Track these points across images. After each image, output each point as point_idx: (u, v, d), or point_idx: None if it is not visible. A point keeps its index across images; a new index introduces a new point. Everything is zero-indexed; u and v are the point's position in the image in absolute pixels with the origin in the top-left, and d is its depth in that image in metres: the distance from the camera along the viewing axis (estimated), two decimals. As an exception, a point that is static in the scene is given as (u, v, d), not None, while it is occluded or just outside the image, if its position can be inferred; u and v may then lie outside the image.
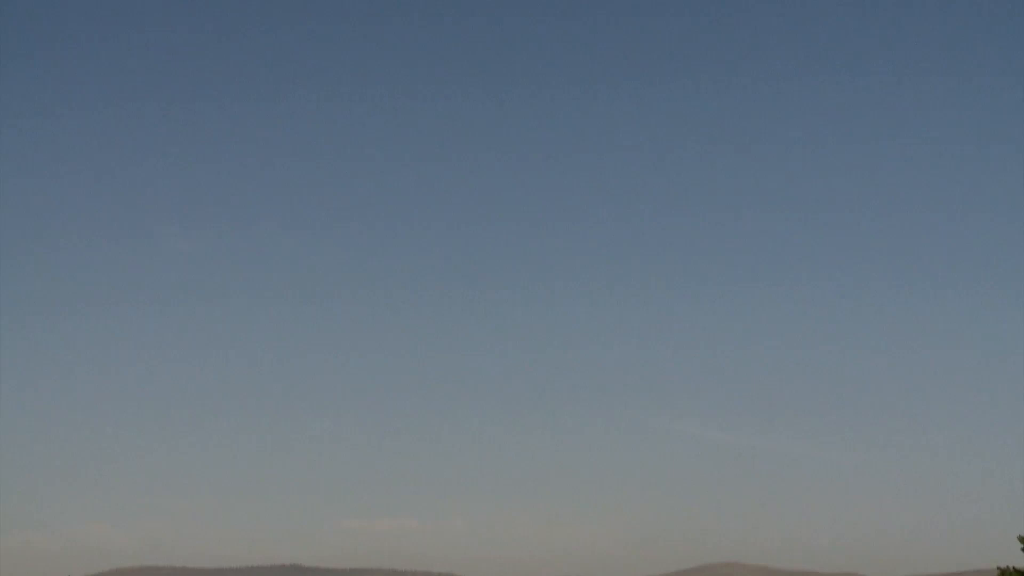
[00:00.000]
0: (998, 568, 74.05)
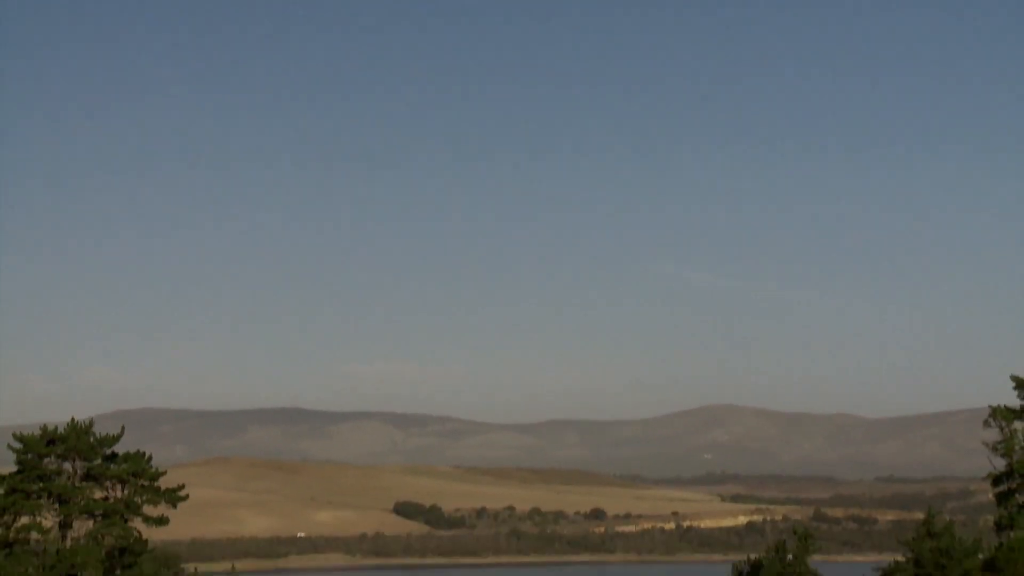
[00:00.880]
0: (990, 407, 69.80)
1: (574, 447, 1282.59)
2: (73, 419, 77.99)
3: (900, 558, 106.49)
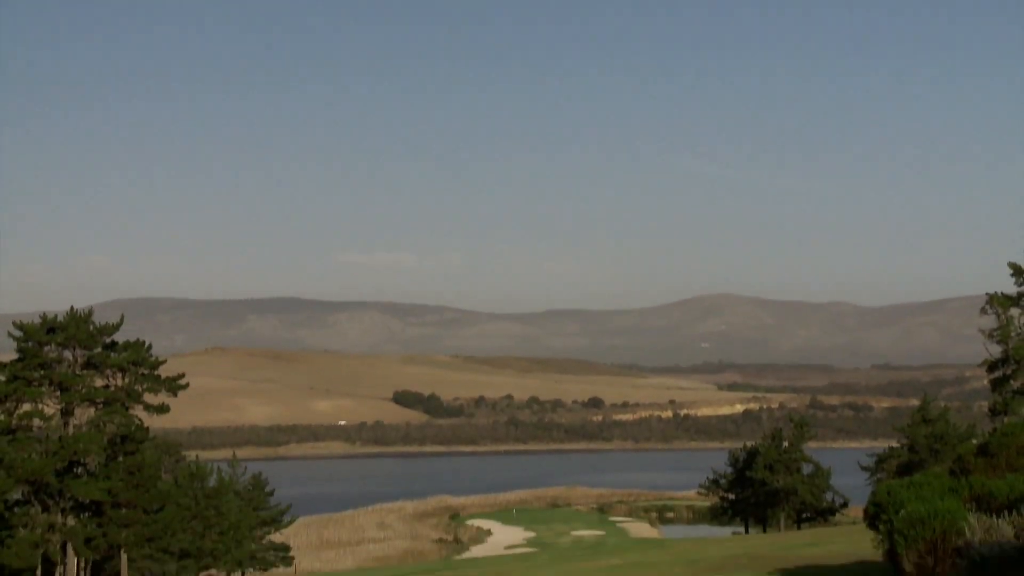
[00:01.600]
0: (987, 294, 69.94)
1: (572, 336, 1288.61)
2: (72, 308, 78.17)
3: (895, 444, 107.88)
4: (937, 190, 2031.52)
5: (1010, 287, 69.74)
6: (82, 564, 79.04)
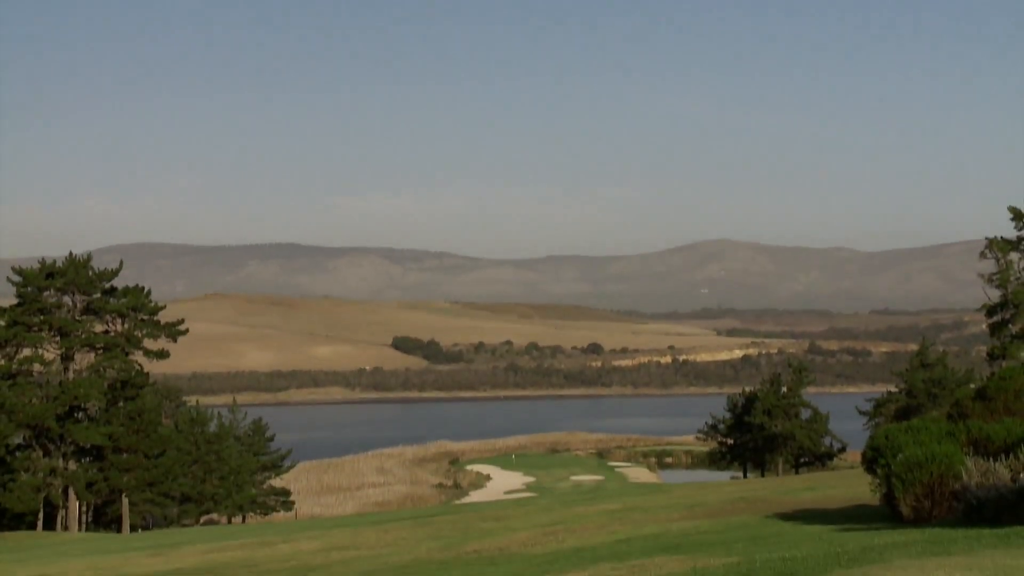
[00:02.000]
0: (987, 238, 69.76)
1: (572, 282, 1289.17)
2: (71, 253, 78.08)
3: (893, 389, 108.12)
4: (937, 135, 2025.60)
5: (1010, 231, 69.65)
6: (84, 508, 79.53)
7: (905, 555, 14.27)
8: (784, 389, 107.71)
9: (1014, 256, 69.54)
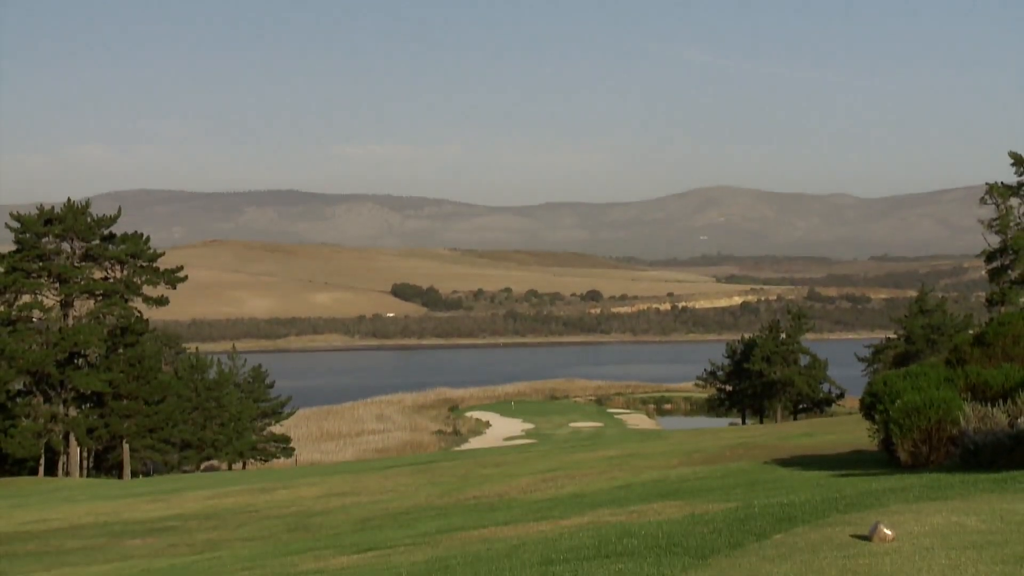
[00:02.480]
0: (987, 184, 69.57)
1: (571, 229, 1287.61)
2: (69, 199, 77.89)
3: (892, 335, 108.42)
4: (937, 80, 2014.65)
5: (1010, 176, 69.47)
6: (84, 454, 79.86)
7: (902, 500, 14.32)
8: (783, 336, 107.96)
9: (1014, 202, 69.42)
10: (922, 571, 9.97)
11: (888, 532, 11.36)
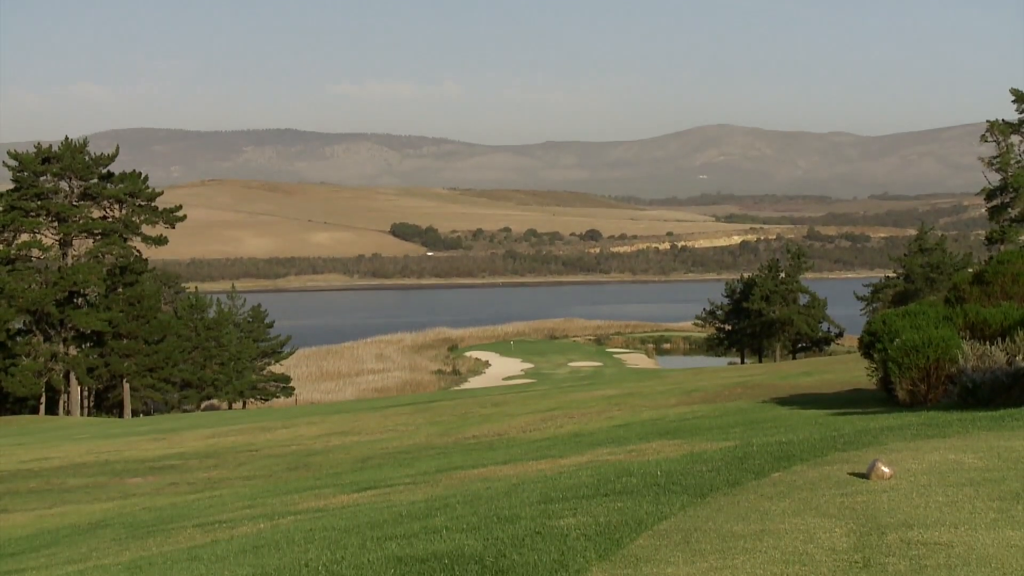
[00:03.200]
0: (988, 121, 69.32)
1: (570, 168, 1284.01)
2: (67, 138, 77.57)
3: (892, 274, 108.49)
4: (939, 17, 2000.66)
5: (1011, 114, 69.20)
6: (85, 393, 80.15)
7: (900, 438, 14.36)
8: (782, 275, 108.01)
9: (1015, 139, 69.23)
10: (920, 508, 10.01)
11: (886, 470, 11.40)
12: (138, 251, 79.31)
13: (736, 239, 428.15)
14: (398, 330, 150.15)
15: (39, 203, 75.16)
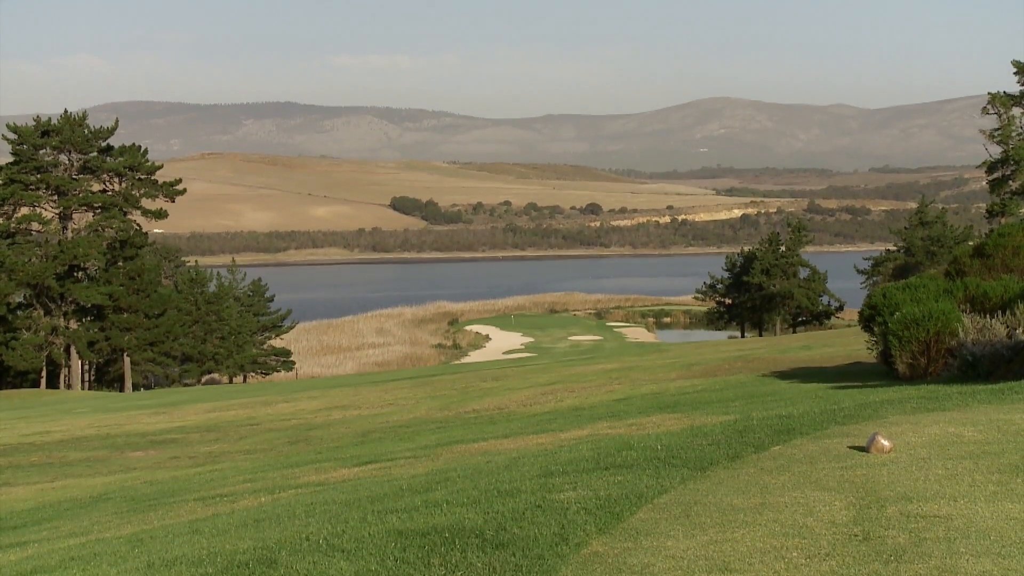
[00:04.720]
0: (989, 93, 69.13)
1: (570, 141, 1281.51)
2: (66, 111, 77.40)
3: (892, 247, 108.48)
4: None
5: (1013, 86, 68.99)
6: (86, 367, 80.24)
7: (900, 411, 14.37)
8: (782, 248, 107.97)
9: (1016, 112, 69.03)
10: (919, 481, 10.03)
11: (886, 443, 11.41)
12: (138, 225, 79.27)
13: (736, 212, 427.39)
14: (398, 304, 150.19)
15: (39, 176, 75.06)
